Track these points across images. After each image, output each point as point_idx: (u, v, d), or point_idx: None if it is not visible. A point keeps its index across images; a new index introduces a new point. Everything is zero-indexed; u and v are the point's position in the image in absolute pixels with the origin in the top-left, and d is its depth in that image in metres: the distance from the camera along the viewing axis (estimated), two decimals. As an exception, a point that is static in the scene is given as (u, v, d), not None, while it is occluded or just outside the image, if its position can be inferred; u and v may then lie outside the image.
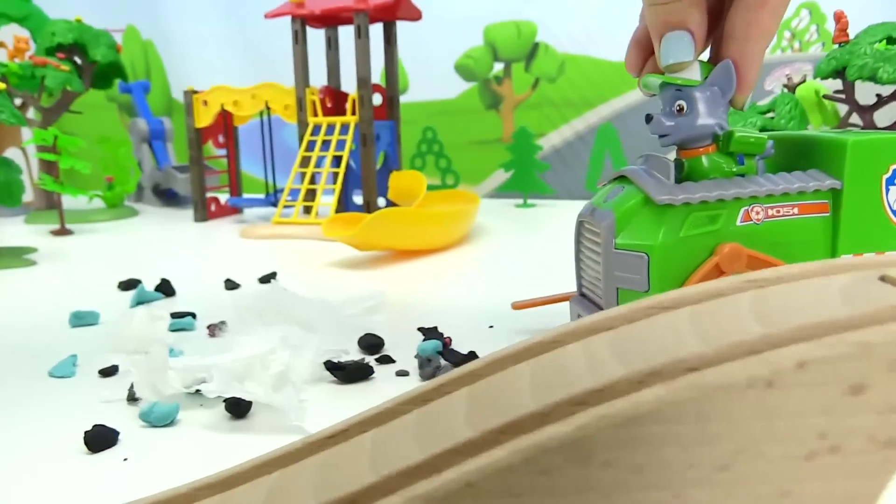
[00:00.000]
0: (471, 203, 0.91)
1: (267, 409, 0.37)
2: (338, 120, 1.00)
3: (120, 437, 0.35)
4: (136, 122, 1.35)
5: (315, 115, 1.02)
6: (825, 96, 0.76)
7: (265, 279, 0.68)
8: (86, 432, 0.34)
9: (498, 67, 1.93)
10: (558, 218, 1.12)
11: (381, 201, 1.03)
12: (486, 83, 1.94)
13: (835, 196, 0.39)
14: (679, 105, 0.39)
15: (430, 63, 1.75)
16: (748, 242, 0.38)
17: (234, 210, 1.19)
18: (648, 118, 0.40)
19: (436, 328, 0.49)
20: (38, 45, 1.19)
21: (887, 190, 0.39)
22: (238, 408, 0.37)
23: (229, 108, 1.07)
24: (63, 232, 1.02)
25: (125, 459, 0.33)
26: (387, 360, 0.44)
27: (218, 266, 0.81)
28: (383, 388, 0.41)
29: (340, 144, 0.99)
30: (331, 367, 0.42)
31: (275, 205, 1.10)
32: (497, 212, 1.14)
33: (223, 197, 1.19)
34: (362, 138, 0.99)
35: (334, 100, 1.08)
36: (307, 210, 1.00)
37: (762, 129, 0.71)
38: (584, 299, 0.45)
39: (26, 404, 0.40)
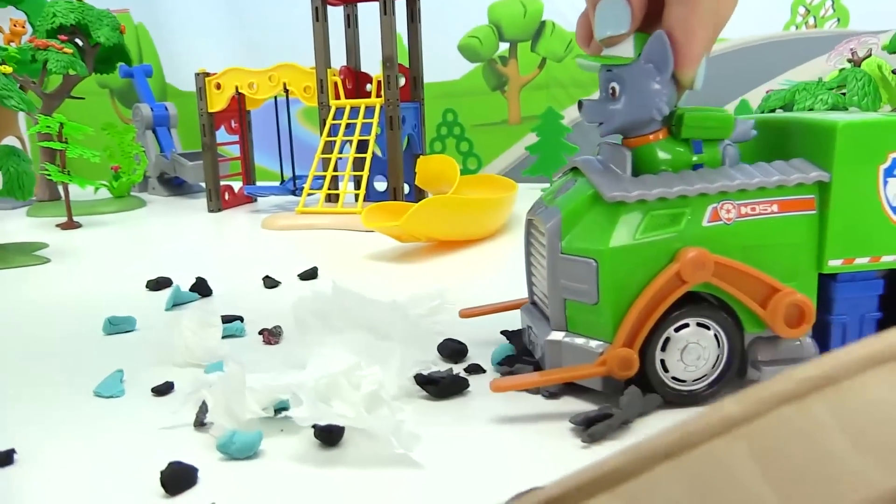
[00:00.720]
0: (509, 189, 0.86)
1: (361, 433, 0.32)
2: (362, 102, 0.95)
3: (199, 474, 0.30)
4: (140, 107, 1.29)
5: (337, 97, 0.96)
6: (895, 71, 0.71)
7: (306, 276, 0.63)
8: (162, 472, 0.29)
9: (503, 47, 1.88)
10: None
11: (405, 188, 0.98)
12: (491, 64, 1.88)
13: (822, 190, 0.33)
14: (611, 87, 0.33)
15: (433, 43, 1.69)
16: (717, 246, 0.32)
17: (247, 199, 1.13)
18: (579, 105, 0.34)
19: (520, 331, 0.44)
20: (38, 27, 1.12)
21: (885, 182, 0.33)
22: (330, 435, 0.32)
23: (245, 91, 1.01)
24: (71, 225, 0.96)
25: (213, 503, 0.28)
26: (476, 369, 0.40)
27: (248, 261, 0.75)
28: (481, 403, 0.36)
29: (365, 128, 0.94)
30: (422, 381, 0.37)
31: (294, 192, 1.04)
32: (527, 197, 1.09)
33: (236, 185, 1.13)
34: (389, 121, 0.94)
35: (354, 81, 1.02)
36: (330, 198, 0.95)
37: (833, 108, 0.67)
38: (534, 309, 0.39)
39: (79, 434, 0.35)
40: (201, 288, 0.58)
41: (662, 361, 0.33)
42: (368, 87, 1.04)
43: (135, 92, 1.38)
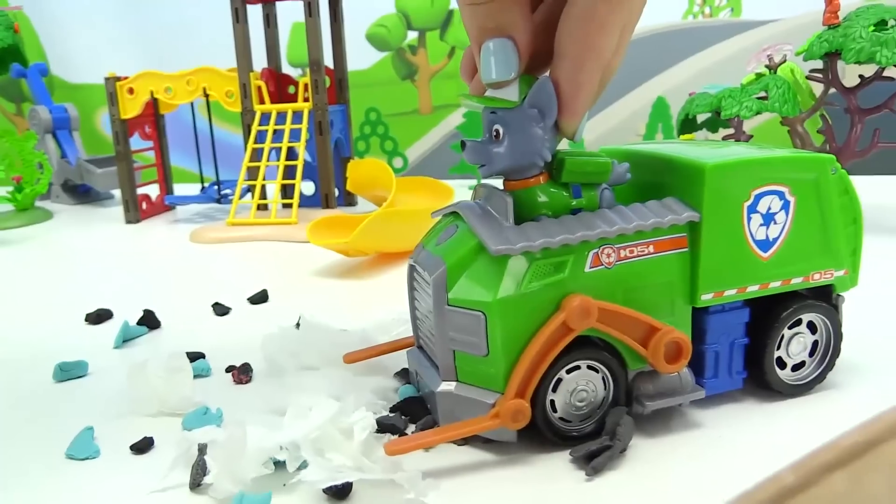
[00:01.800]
0: (446, 195, 0.86)
1: (367, 484, 0.32)
2: (289, 107, 0.92)
3: (213, 547, 0.29)
4: (37, 110, 1.20)
5: (261, 101, 0.93)
6: (809, 76, 0.76)
7: (256, 299, 0.61)
8: (177, 549, 0.28)
9: (412, 36, 1.87)
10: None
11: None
12: (399, 53, 1.87)
13: (692, 229, 0.35)
14: (495, 130, 0.33)
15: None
16: (600, 291, 0.33)
17: (165, 208, 1.08)
18: (462, 145, 0.34)
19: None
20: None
21: (749, 218, 0.35)
22: (340, 490, 0.31)
23: (160, 96, 0.96)
24: (-25, 244, 0.89)
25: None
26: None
27: (187, 283, 0.72)
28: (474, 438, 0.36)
29: (293, 134, 0.91)
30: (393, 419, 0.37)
31: (218, 201, 1.01)
32: (460, 197, 1.10)
33: (153, 193, 1.07)
34: (317, 126, 0.92)
35: (276, 84, 0.99)
36: (260, 208, 0.92)
37: (757, 113, 0.71)
38: (422, 354, 0.39)
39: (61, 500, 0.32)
40: (149, 321, 0.55)
41: (553, 403, 0.34)
42: (291, 88, 1.01)
43: (16, 86, 1.28)
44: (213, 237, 0.86)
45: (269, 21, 1.00)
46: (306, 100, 0.92)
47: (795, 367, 0.39)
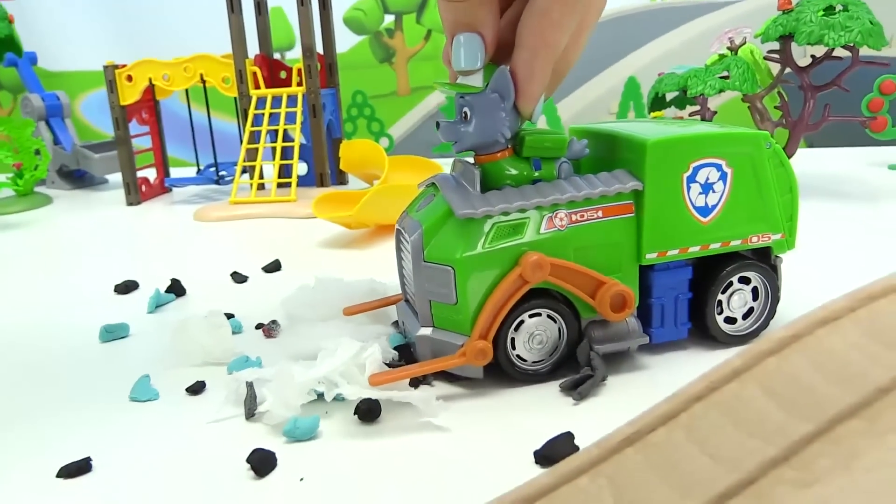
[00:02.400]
0: (435, 172, 0.91)
1: (392, 409, 0.38)
2: (284, 91, 0.97)
3: (277, 456, 0.35)
4: (30, 98, 1.23)
5: (256, 87, 0.98)
6: (766, 57, 0.83)
7: (270, 268, 0.67)
8: (249, 458, 0.34)
9: (389, 19, 1.92)
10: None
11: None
12: (377, 36, 1.91)
13: (637, 197, 0.40)
14: (464, 112, 0.39)
15: (316, 16, 1.71)
16: (554, 250, 0.39)
17: (163, 190, 1.13)
18: (437, 125, 0.40)
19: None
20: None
21: (688, 188, 0.40)
22: (370, 413, 0.38)
23: (159, 83, 1.01)
24: (-17, 228, 0.94)
25: (301, 479, 0.33)
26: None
27: (201, 256, 0.78)
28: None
29: (288, 117, 0.96)
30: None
31: (217, 182, 1.06)
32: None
33: (150, 177, 1.12)
34: (311, 109, 0.97)
35: (268, 69, 1.04)
36: (261, 187, 0.97)
37: (720, 91, 0.78)
38: (407, 306, 0.46)
39: (141, 437, 0.38)
40: (176, 289, 0.61)
41: (513, 344, 0.40)
42: (283, 74, 1.06)
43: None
44: (217, 216, 0.91)
45: (261, 9, 1.04)
46: (300, 84, 0.97)
47: (735, 321, 0.44)
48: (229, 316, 0.53)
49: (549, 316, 0.41)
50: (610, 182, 0.40)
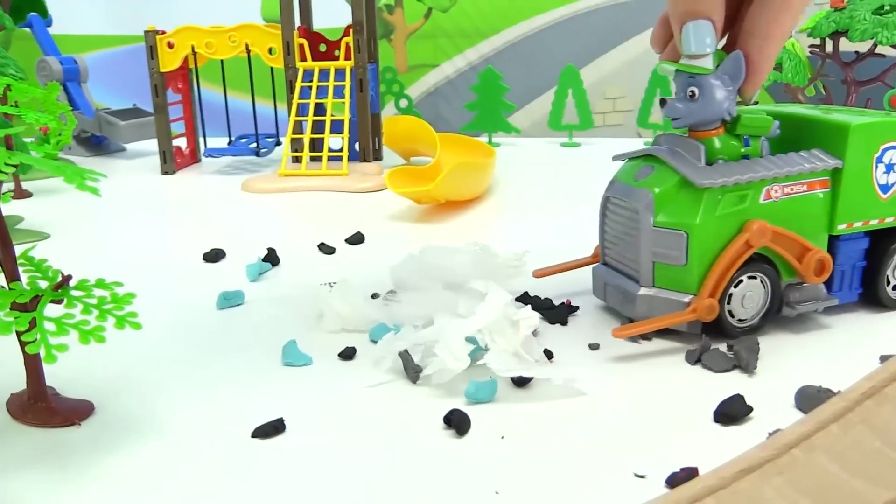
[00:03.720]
0: (489, 151, 0.93)
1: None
2: (332, 65, 0.97)
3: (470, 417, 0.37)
4: (47, 61, 1.20)
5: (302, 59, 0.98)
6: (811, 51, 0.87)
7: (353, 240, 0.68)
8: (447, 417, 0.36)
9: (389, -5, 1.91)
10: (532, 156, 1.18)
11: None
12: (377, 12, 1.91)
13: (834, 174, 0.44)
14: (691, 91, 0.43)
15: None
16: (769, 218, 0.43)
17: (193, 160, 1.12)
18: (663, 102, 0.44)
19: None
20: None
21: (876, 167, 0.45)
22: (523, 380, 0.40)
23: (201, 51, 1.00)
24: (22, 194, 0.92)
25: (503, 437, 0.35)
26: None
27: (275, 227, 0.79)
28: (587, 332, 0.47)
29: (336, 91, 0.97)
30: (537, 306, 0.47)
31: (258, 154, 1.05)
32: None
33: (182, 146, 1.11)
34: (358, 84, 0.98)
35: (309, 42, 1.04)
36: (306, 159, 0.97)
37: (774, 82, 0.81)
38: (608, 269, 0.49)
39: (321, 399, 0.40)
40: (272, 258, 0.62)
41: (730, 302, 0.45)
42: (322, 47, 1.06)
43: None
44: (266, 187, 0.91)
45: (303, -19, 1.04)
46: (347, 58, 0.97)
47: None
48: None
49: (759, 279, 0.44)
50: (813, 160, 0.44)
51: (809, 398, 0.37)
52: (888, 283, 0.48)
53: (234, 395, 0.40)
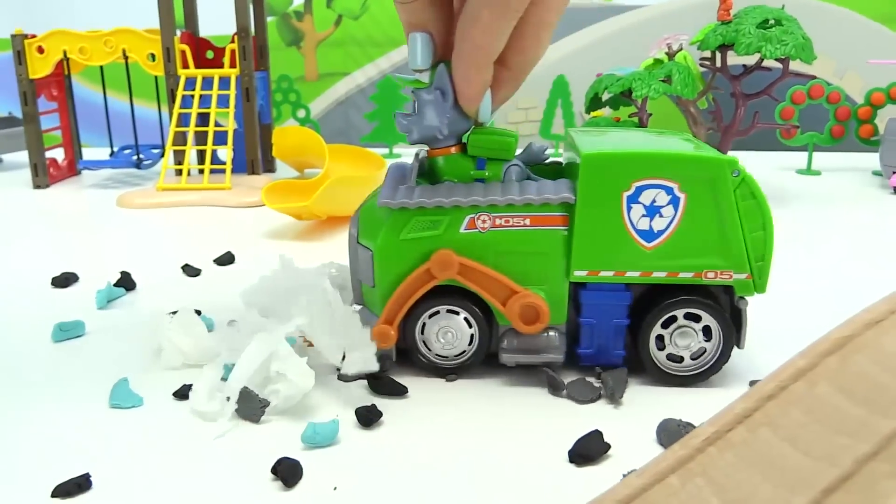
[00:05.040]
0: (378, 163, 0.90)
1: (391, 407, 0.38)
2: (216, 73, 0.92)
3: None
4: None
5: (185, 66, 0.93)
6: (701, 64, 0.87)
7: (223, 261, 0.64)
8: (275, 468, 0.32)
9: (298, 2, 1.87)
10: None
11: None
12: (285, 18, 1.86)
13: (570, 210, 0.38)
14: (414, 105, 0.41)
15: None
16: (471, 250, 0.39)
17: (72, 173, 1.05)
18: (395, 115, 0.42)
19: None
20: None
21: (629, 208, 0.38)
22: (370, 421, 0.37)
23: (74, 57, 0.93)
24: None
25: (335, 488, 0.32)
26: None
27: (141, 247, 0.72)
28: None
29: (220, 100, 0.92)
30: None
31: (136, 165, 0.99)
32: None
33: (58, 158, 1.03)
34: (244, 93, 0.93)
35: (195, 48, 0.98)
36: (185, 172, 0.92)
37: (663, 94, 0.81)
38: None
39: (135, 449, 0.35)
40: (127, 282, 0.57)
41: (423, 335, 0.41)
42: (209, 54, 1.01)
43: None
44: (143, 202, 0.85)
45: (187, -16, 0.98)
46: (233, 66, 0.92)
47: (682, 359, 0.40)
48: (196, 313, 0.50)
49: (463, 317, 0.41)
50: (542, 190, 0.39)
51: (670, 434, 0.35)
52: (664, 350, 0.40)
53: (44, 443, 0.35)
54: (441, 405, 0.39)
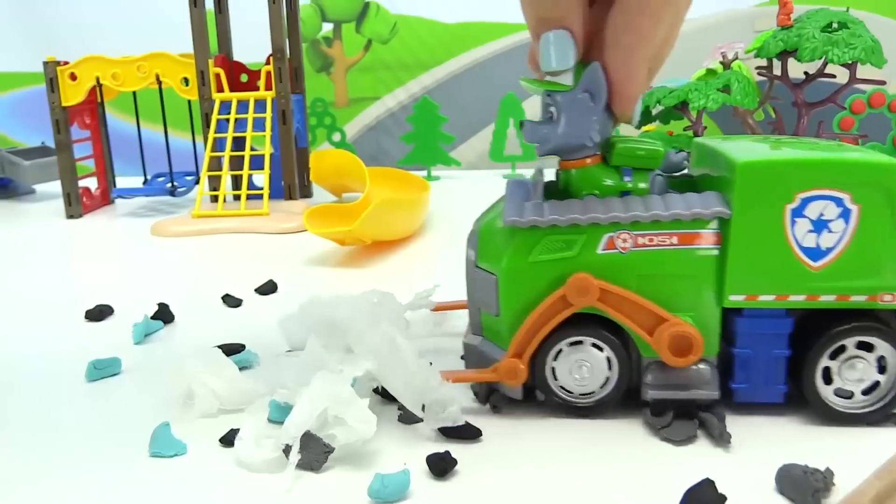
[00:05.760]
0: (423, 186, 0.86)
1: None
2: (251, 95, 0.90)
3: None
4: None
5: (219, 90, 0.90)
6: (758, 73, 0.82)
7: (265, 290, 0.60)
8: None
9: (327, 28, 1.86)
10: (472, 189, 1.11)
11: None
12: (314, 44, 1.85)
13: (724, 226, 0.34)
14: (549, 112, 0.36)
15: (253, 21, 1.64)
16: (610, 274, 0.34)
17: (104, 202, 1.02)
18: (521, 125, 0.37)
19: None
20: None
21: (793, 222, 0.33)
22: (444, 471, 0.32)
23: (107, 83, 0.91)
24: None
25: (411, 555, 0.27)
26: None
27: (177, 277, 0.69)
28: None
29: (256, 123, 0.89)
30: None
31: (171, 193, 0.96)
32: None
33: (91, 187, 1.01)
34: (281, 115, 0.90)
35: (229, 72, 0.96)
36: (222, 199, 0.89)
37: (722, 105, 0.76)
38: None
39: (178, 501, 0.31)
40: (164, 315, 0.53)
41: (554, 371, 0.36)
42: (243, 77, 0.98)
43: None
44: (178, 230, 0.83)
45: (221, 6, 0.96)
46: (268, 88, 0.90)
47: (851, 395, 0.35)
48: (239, 348, 0.46)
49: (597, 346, 0.36)
50: (692, 204, 0.34)
51: (794, 482, 0.30)
52: (832, 385, 0.35)
53: (80, 497, 0.31)
54: (519, 450, 0.34)
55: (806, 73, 0.79)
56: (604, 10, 0.34)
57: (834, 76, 0.78)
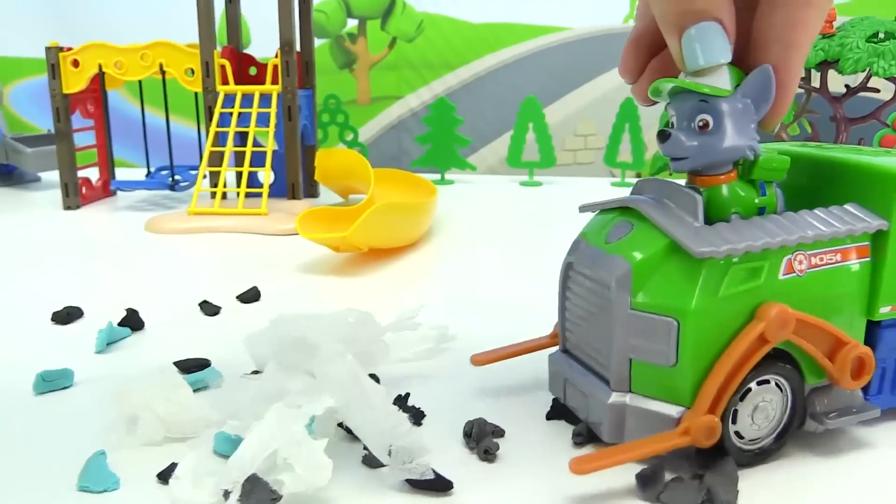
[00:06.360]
0: (430, 190, 0.82)
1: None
2: (256, 89, 0.86)
3: None
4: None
5: (224, 82, 0.87)
6: (796, 84, 0.76)
7: (247, 298, 0.56)
8: None
9: (352, 24, 1.83)
10: (487, 196, 1.07)
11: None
12: (338, 40, 1.82)
13: (876, 238, 0.33)
14: (702, 120, 0.31)
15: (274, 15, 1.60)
16: (792, 300, 0.31)
17: (106, 193, 0.99)
18: (664, 136, 0.31)
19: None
20: None
21: None
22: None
23: (110, 71, 0.88)
24: None
25: None
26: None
27: (158, 278, 0.65)
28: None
29: (260, 118, 0.85)
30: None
31: (172, 188, 0.93)
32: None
33: (91, 178, 0.98)
34: (286, 111, 0.86)
35: (237, 64, 0.93)
36: (224, 196, 0.85)
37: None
38: (569, 358, 0.37)
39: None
40: (133, 321, 0.49)
41: (735, 415, 0.32)
42: (252, 70, 0.95)
43: None
44: (173, 227, 0.79)
45: (231, -4, 0.93)
46: (274, 82, 0.86)
47: None
48: (203, 364, 0.42)
49: (775, 383, 0.32)
50: (850, 220, 0.32)
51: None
52: None
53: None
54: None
55: (847, 86, 0.74)
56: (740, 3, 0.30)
57: (878, 90, 0.72)
